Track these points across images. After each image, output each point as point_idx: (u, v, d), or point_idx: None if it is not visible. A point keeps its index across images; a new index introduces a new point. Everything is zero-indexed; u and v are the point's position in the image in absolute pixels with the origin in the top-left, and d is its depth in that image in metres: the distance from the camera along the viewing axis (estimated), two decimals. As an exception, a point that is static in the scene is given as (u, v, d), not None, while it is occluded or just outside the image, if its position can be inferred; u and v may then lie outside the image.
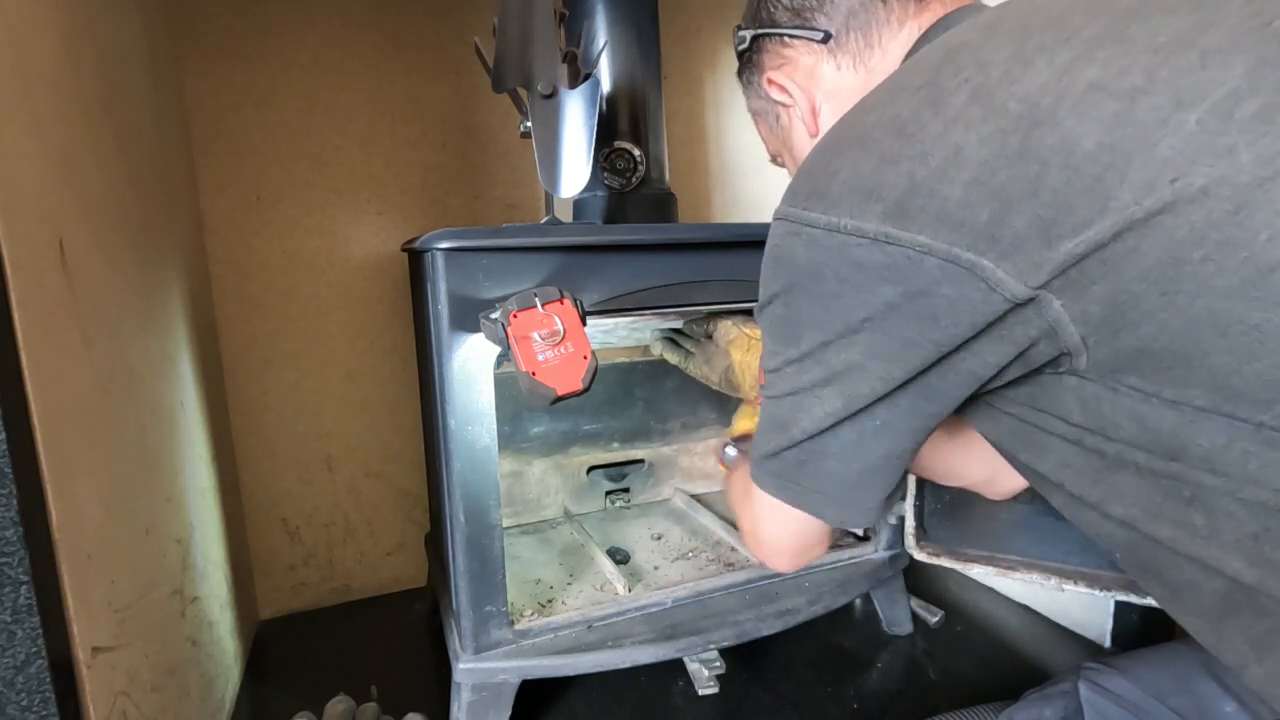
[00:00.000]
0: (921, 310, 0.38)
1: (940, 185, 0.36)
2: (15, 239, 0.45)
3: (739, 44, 0.61)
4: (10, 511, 0.43)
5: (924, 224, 0.36)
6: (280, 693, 0.93)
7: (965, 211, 0.35)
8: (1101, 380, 0.37)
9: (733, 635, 0.84)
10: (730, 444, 0.81)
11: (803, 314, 0.43)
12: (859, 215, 0.39)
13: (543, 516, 1.16)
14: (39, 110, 0.51)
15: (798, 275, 0.43)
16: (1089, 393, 0.38)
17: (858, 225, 0.39)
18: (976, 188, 0.35)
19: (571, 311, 0.67)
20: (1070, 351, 0.37)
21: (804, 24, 0.55)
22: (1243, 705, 0.53)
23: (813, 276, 0.42)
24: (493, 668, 0.77)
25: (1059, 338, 0.36)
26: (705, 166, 1.32)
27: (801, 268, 0.42)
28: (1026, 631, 1.04)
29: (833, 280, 0.41)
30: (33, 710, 0.45)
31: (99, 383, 0.57)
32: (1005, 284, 0.35)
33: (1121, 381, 0.36)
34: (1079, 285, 0.34)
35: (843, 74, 0.55)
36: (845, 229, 0.39)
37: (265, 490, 1.10)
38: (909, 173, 0.37)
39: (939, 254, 0.36)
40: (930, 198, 0.36)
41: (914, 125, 0.38)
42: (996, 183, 0.35)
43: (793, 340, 0.45)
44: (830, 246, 0.40)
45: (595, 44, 0.90)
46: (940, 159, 0.36)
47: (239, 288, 1.04)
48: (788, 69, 0.57)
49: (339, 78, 1.05)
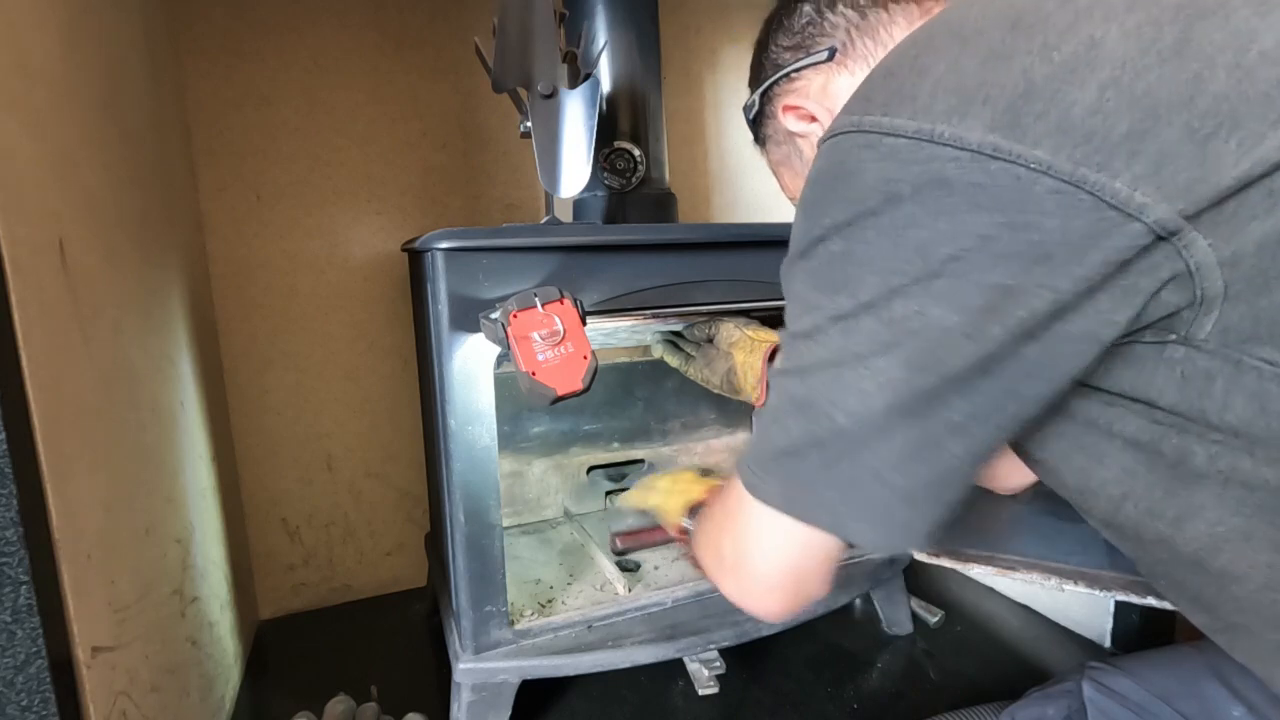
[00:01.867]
0: (1028, 246, 0.30)
1: (1067, 87, 0.29)
2: (15, 239, 0.45)
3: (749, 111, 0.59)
4: (10, 511, 0.43)
5: (1041, 135, 0.29)
6: (280, 693, 0.93)
7: (1097, 120, 0.28)
8: (1222, 351, 0.30)
9: (733, 635, 0.84)
10: (687, 517, 0.68)
11: (866, 251, 0.33)
12: (958, 121, 0.30)
13: (543, 516, 1.16)
14: (39, 109, 0.51)
15: (868, 198, 0.33)
16: (1199, 368, 0.30)
17: (957, 134, 0.30)
18: (1115, 91, 0.28)
19: (571, 311, 0.67)
20: (1200, 306, 0.29)
21: (807, 53, 0.53)
22: (1251, 709, 0.52)
23: (889, 200, 0.32)
24: (493, 668, 0.77)
25: (1193, 286, 0.29)
26: (705, 166, 1.32)
27: (873, 188, 0.33)
28: (1026, 631, 1.04)
29: (910, 204, 0.31)
30: (33, 710, 0.45)
31: (99, 382, 0.57)
32: (1147, 210, 0.28)
33: (1251, 353, 0.29)
34: (1235, 221, 0.28)
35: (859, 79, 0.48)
36: (941, 138, 0.31)
37: (265, 490, 1.10)
38: (1025, 70, 0.30)
39: (1059, 173, 0.29)
40: (1052, 102, 0.29)
41: (1034, 14, 0.31)
42: (1142, 85, 0.28)
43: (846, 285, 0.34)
44: (917, 160, 0.31)
45: (595, 44, 0.90)
46: (1068, 55, 0.29)
47: (239, 288, 1.04)
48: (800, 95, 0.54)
49: (339, 77, 1.05)
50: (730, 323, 0.85)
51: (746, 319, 0.86)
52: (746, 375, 0.81)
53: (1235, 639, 0.37)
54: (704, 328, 0.88)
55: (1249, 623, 0.35)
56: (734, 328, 0.84)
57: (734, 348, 0.82)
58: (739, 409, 1.27)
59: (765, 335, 0.81)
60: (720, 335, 0.85)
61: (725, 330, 0.85)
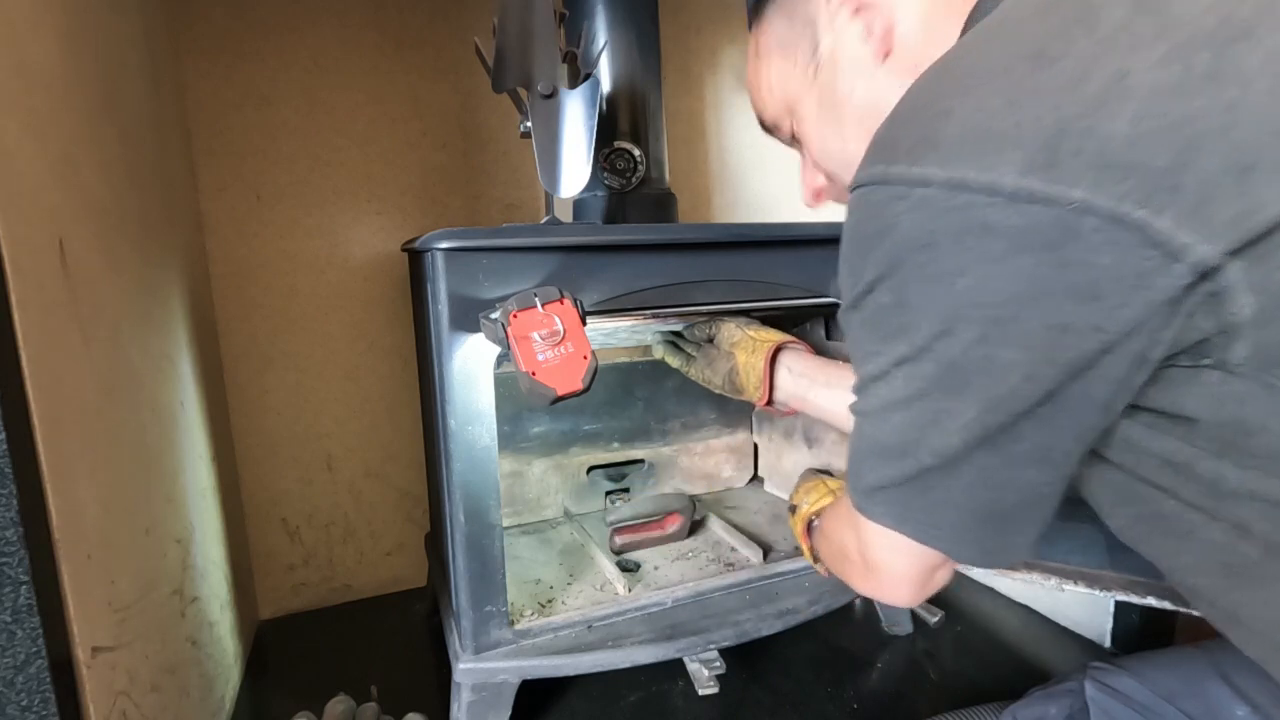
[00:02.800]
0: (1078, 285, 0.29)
1: (1100, 121, 0.28)
2: (15, 239, 0.45)
3: None
4: (10, 511, 0.43)
5: (1079, 173, 0.28)
6: (280, 693, 0.93)
7: (1135, 153, 0.27)
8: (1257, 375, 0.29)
9: (733, 635, 0.84)
10: (812, 518, 0.74)
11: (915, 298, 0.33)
12: (989, 166, 0.30)
13: (543, 516, 1.16)
14: (39, 110, 0.51)
15: (904, 250, 0.33)
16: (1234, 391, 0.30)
17: (990, 180, 0.30)
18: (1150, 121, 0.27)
19: (571, 311, 0.67)
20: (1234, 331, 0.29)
21: None
22: (1255, 710, 0.52)
23: (926, 249, 0.32)
24: (493, 668, 0.77)
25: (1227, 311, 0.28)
26: (705, 166, 1.32)
27: (909, 240, 0.33)
28: (1026, 631, 1.04)
29: (953, 252, 0.31)
30: (33, 710, 0.45)
31: (99, 383, 0.57)
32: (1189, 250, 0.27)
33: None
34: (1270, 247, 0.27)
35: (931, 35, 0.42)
36: (972, 185, 0.30)
37: (265, 490, 1.10)
38: (1055, 108, 0.29)
39: (1100, 212, 0.28)
40: (1087, 138, 0.28)
41: (1058, 47, 0.30)
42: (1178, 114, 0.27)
43: (903, 333, 0.35)
44: (950, 209, 0.31)
45: (595, 44, 0.90)
46: (1098, 88, 0.28)
47: (239, 288, 1.04)
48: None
49: (339, 78, 1.05)
50: (731, 323, 0.85)
51: (748, 319, 0.86)
52: (749, 375, 0.81)
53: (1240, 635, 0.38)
54: (705, 328, 0.88)
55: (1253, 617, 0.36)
56: (735, 328, 0.84)
57: (736, 348, 0.82)
58: (739, 409, 1.27)
59: (767, 335, 0.81)
60: (721, 335, 0.85)
61: (726, 330, 0.84)
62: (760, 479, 1.30)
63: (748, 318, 0.86)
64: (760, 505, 1.20)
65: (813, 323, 1.11)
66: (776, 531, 1.07)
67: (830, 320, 1.08)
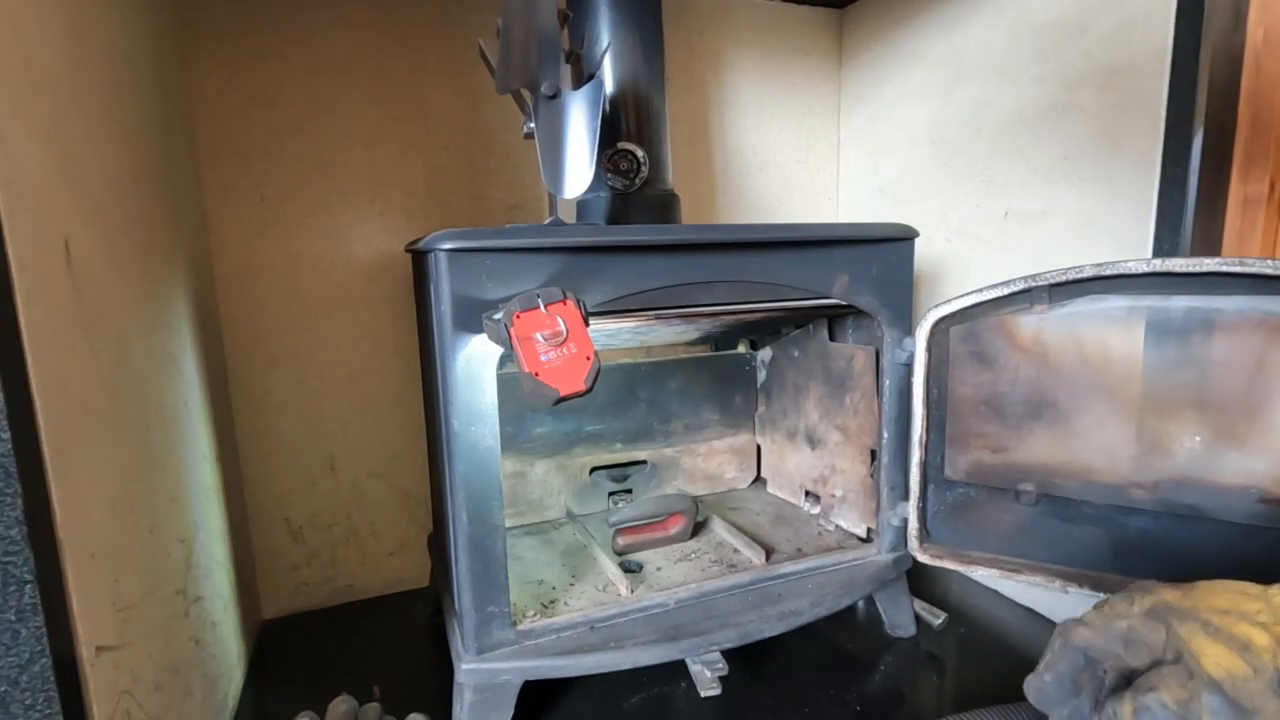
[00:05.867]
0: None
1: None
2: (21, 239, 0.45)
3: None
4: (15, 511, 0.43)
5: None
6: (283, 692, 0.93)
7: None
8: None
9: (735, 637, 0.83)
10: None
11: None
12: None
13: (545, 517, 1.16)
14: (45, 111, 0.51)
15: None
16: None
17: None
18: None
19: (574, 312, 0.67)
20: None
21: None
22: None
23: None
24: (495, 668, 0.77)
25: None
26: (709, 167, 1.32)
27: None
28: (1030, 634, 1.03)
29: None
30: (37, 709, 0.46)
31: (103, 383, 0.57)
32: None
33: None
34: None
35: None
36: None
37: (268, 490, 1.10)
38: None
39: None
40: None
41: None
42: None
43: None
44: None
45: (599, 45, 0.90)
46: None
47: (243, 288, 1.04)
48: None
49: (343, 79, 1.06)
50: (1196, 621, 0.46)
51: (1232, 589, 0.48)
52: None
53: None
54: (1150, 627, 0.49)
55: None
56: (1207, 631, 0.45)
57: (1217, 660, 0.44)
58: (741, 410, 1.27)
59: None
60: (1187, 643, 0.46)
61: (1196, 641, 0.46)
62: (763, 480, 1.30)
63: (1234, 588, 0.48)
64: (763, 506, 1.20)
65: (815, 324, 1.11)
66: (779, 533, 1.07)
67: (833, 321, 1.08)
